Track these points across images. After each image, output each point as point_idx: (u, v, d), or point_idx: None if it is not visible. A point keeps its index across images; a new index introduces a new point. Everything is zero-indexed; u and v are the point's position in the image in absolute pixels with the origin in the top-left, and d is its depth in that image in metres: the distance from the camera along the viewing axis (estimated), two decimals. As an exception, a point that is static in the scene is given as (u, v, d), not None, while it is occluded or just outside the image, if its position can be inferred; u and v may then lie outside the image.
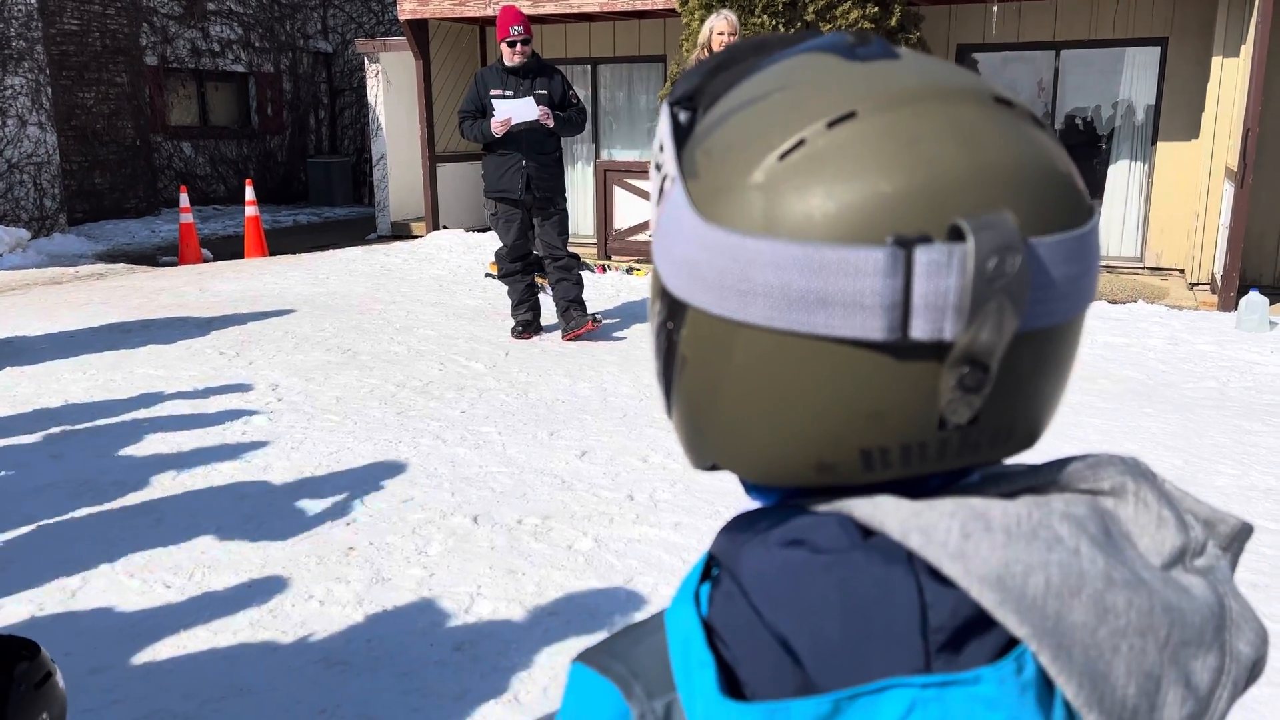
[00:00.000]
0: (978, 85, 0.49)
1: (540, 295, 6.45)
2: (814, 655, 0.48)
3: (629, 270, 8.66)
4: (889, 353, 0.45)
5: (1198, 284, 8.16)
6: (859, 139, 0.46)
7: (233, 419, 4.61)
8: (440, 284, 8.23)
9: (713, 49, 5.74)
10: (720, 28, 5.70)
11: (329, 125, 17.33)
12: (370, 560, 3.19)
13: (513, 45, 5.77)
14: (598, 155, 10.57)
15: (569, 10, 9.37)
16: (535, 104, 5.72)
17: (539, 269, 6.34)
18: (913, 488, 0.51)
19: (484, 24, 10.79)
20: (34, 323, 6.69)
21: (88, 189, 12.98)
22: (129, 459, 4.10)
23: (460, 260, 9.18)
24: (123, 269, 9.49)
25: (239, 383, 5.23)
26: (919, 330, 0.44)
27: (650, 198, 0.54)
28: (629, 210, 9.19)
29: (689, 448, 0.56)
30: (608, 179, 9.19)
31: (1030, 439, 0.51)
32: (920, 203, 0.44)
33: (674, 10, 8.63)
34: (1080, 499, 0.50)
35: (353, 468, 4.01)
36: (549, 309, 6.53)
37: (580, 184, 10.62)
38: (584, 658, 0.56)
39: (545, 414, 4.72)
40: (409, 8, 10.03)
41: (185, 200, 10.12)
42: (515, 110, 5.71)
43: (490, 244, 8.32)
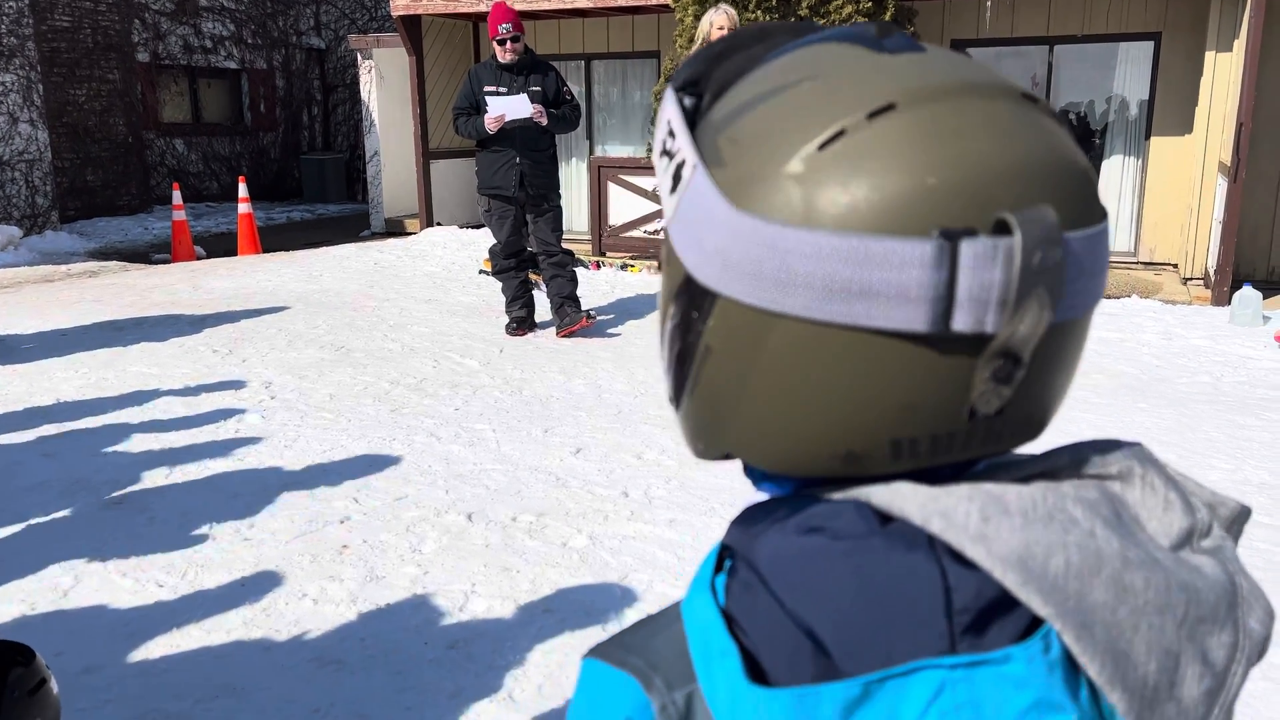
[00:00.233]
0: (1005, 82, 0.49)
1: (534, 292, 6.44)
2: (838, 641, 0.48)
3: (623, 266, 8.64)
4: (927, 345, 0.46)
5: (1191, 279, 8.18)
6: (900, 131, 0.45)
7: (226, 417, 4.60)
8: (434, 281, 8.21)
9: (711, 41, 5.74)
10: (720, 22, 5.71)
11: (322, 122, 17.29)
12: (364, 558, 3.18)
13: (503, 43, 5.77)
14: (592, 151, 10.55)
15: (563, 6, 9.35)
16: (529, 101, 5.71)
17: (533, 265, 6.33)
18: (925, 476, 0.51)
19: (477, 19, 10.76)
20: (26, 321, 6.67)
21: (80, 186, 12.93)
22: (121, 457, 4.08)
23: (454, 257, 9.17)
24: (115, 266, 9.46)
25: (232, 380, 5.21)
26: (961, 323, 0.45)
27: (660, 185, 0.52)
28: (623, 206, 9.17)
29: (701, 437, 0.55)
30: (602, 175, 9.17)
31: (1041, 429, 0.52)
32: (964, 196, 0.44)
33: (668, 6, 8.62)
34: (1089, 483, 0.51)
35: (346, 465, 4.00)
36: (543, 305, 6.51)
37: (575, 180, 10.60)
38: (597, 653, 0.55)
39: (540, 411, 4.72)
40: (402, 3, 10.00)
41: (178, 197, 10.08)
42: (509, 107, 5.70)
43: (484, 241, 8.30)
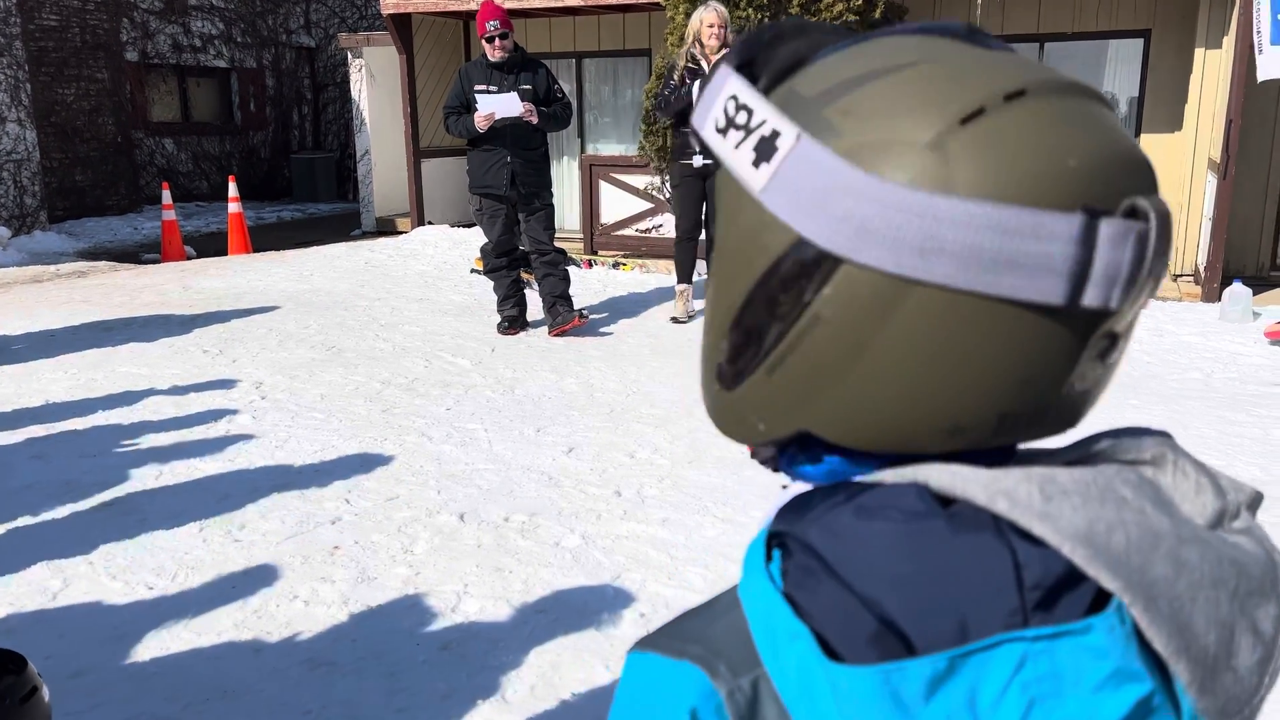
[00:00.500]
0: (1087, 84, 0.51)
1: (526, 291, 6.42)
2: (912, 620, 0.48)
3: (615, 265, 8.63)
4: (1054, 318, 0.47)
5: (1181, 275, 8.20)
6: (1036, 115, 0.47)
7: (216, 418, 4.58)
8: (425, 280, 8.19)
9: (702, 40, 5.78)
10: (710, 20, 5.77)
11: (313, 121, 17.23)
12: (355, 559, 3.17)
13: (491, 41, 5.75)
14: (583, 150, 10.54)
15: (553, 4, 9.32)
16: (519, 99, 5.70)
17: (525, 264, 6.32)
18: (969, 462, 0.51)
19: (467, 18, 10.73)
20: (14, 322, 6.63)
21: (68, 186, 12.86)
22: (111, 458, 4.06)
23: (445, 256, 9.14)
24: (105, 267, 9.42)
25: (222, 381, 5.19)
26: (1091, 298, 0.46)
27: (727, 158, 0.51)
28: (615, 205, 9.16)
29: (769, 414, 0.53)
30: (593, 174, 9.16)
31: (1083, 415, 0.54)
32: (1098, 180, 0.46)
33: (659, 4, 8.60)
34: (1126, 468, 0.52)
35: (338, 466, 3.98)
36: (535, 304, 6.50)
37: (566, 179, 10.59)
38: (648, 645, 0.54)
39: (532, 410, 4.71)
40: (392, 2, 9.96)
41: (168, 197, 10.04)
42: (499, 106, 5.68)
43: (476, 239, 8.27)
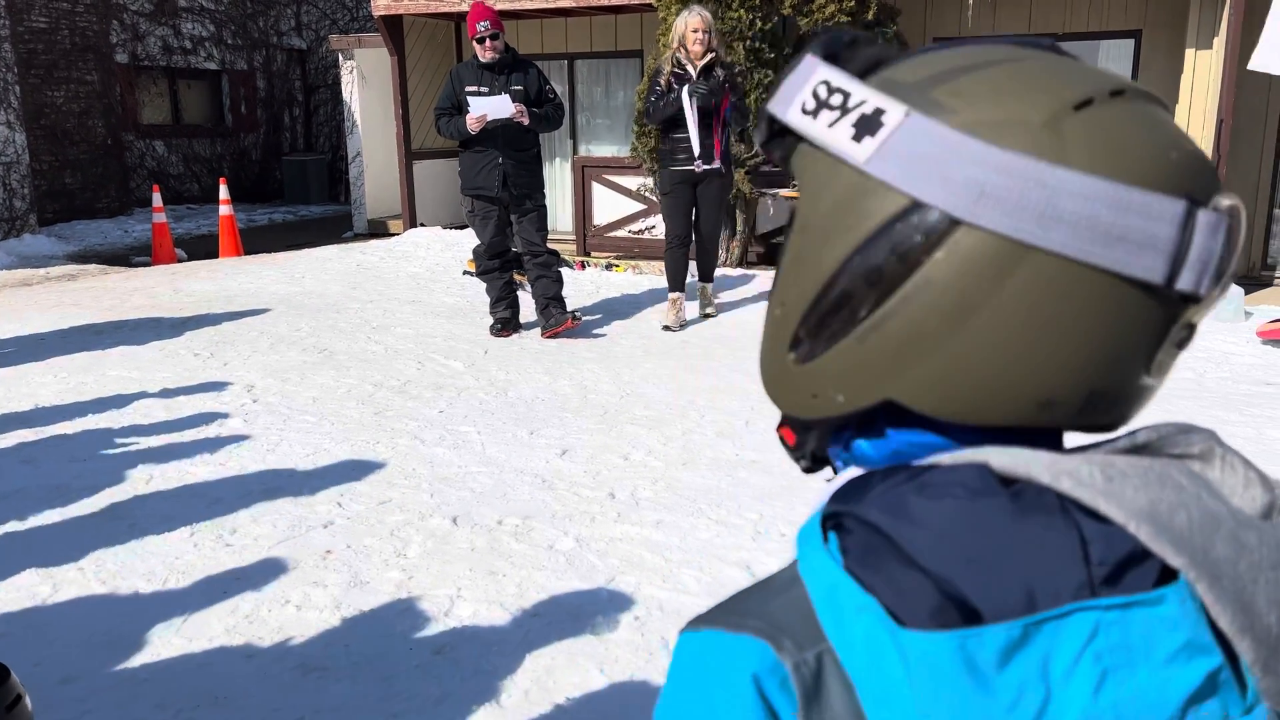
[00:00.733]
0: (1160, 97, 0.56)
1: (519, 292, 6.40)
2: (981, 592, 0.48)
3: (608, 266, 8.62)
4: (1151, 297, 0.49)
5: (1173, 275, 8.22)
6: (1136, 111, 0.51)
7: (207, 421, 4.55)
8: (418, 282, 8.17)
9: (687, 44, 5.86)
10: (694, 24, 5.87)
11: (304, 123, 17.19)
12: (348, 563, 3.14)
13: (481, 42, 5.74)
14: (576, 151, 10.52)
15: (545, 5, 9.31)
16: (510, 101, 5.68)
17: (518, 266, 6.30)
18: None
19: (458, 19, 10.70)
20: (3, 325, 6.58)
21: (58, 189, 12.80)
22: (101, 463, 4.03)
23: (438, 258, 9.12)
24: (95, 270, 9.37)
25: (213, 384, 5.16)
26: (1185, 281, 0.49)
27: (823, 134, 0.53)
28: (608, 206, 9.15)
29: (852, 383, 0.54)
30: (586, 175, 9.15)
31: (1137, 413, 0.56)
32: (1192, 173, 0.50)
33: (650, 5, 8.59)
34: (1176, 461, 0.54)
35: (330, 469, 3.96)
36: (528, 306, 6.48)
37: (558, 180, 10.57)
38: (704, 622, 0.54)
39: (525, 412, 4.69)
40: (383, 4, 9.94)
41: (158, 200, 10.00)
42: (490, 107, 5.66)
43: (468, 241, 8.25)
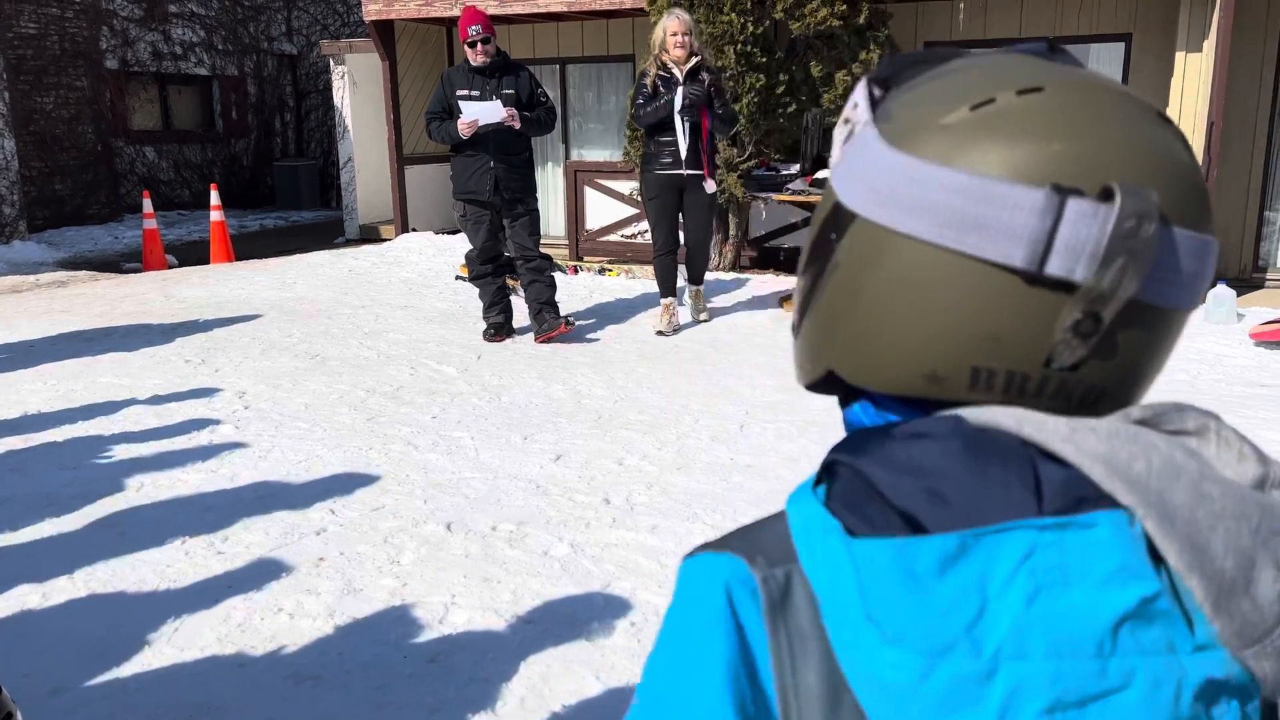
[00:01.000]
0: (1149, 101, 0.57)
1: (512, 297, 6.39)
2: (933, 514, 0.52)
3: (601, 271, 8.60)
4: (1022, 281, 0.53)
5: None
6: (1041, 106, 0.54)
7: (199, 428, 4.52)
8: (410, 287, 8.14)
9: (668, 47, 5.90)
10: (673, 27, 5.91)
11: (295, 128, 17.15)
12: (341, 571, 3.12)
13: (473, 46, 5.73)
14: (568, 155, 10.51)
15: (536, 10, 9.30)
16: (502, 105, 5.67)
17: (510, 271, 6.29)
18: None
19: (450, 24, 10.69)
20: (-8, 332, 6.54)
21: (48, 195, 12.74)
22: (91, 471, 4.00)
23: (430, 263, 9.10)
24: (85, 276, 9.32)
25: (205, 390, 5.13)
26: (1054, 266, 0.52)
27: (834, 147, 0.62)
28: (600, 211, 9.13)
29: (809, 356, 0.63)
30: (578, 179, 9.13)
31: (1112, 407, 0.57)
32: (1082, 164, 0.52)
33: (642, 9, 8.59)
34: (1169, 436, 0.55)
35: (322, 476, 3.94)
36: (521, 311, 6.47)
37: (551, 185, 10.56)
38: (695, 550, 0.60)
39: (518, 418, 4.67)
40: (374, 9, 9.93)
41: (149, 206, 9.95)
42: (482, 112, 5.65)
43: (460, 246, 8.23)
